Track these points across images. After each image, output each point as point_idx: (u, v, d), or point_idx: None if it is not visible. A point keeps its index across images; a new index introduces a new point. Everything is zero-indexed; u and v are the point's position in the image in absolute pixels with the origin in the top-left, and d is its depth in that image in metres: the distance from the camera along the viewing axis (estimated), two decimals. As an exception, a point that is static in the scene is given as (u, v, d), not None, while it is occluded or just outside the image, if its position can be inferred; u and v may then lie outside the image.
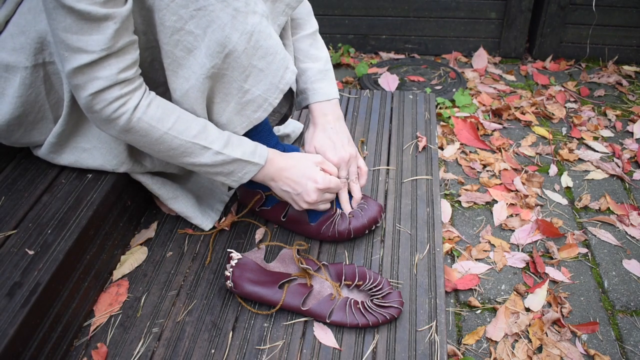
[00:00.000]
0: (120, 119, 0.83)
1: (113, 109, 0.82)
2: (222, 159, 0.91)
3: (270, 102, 0.92)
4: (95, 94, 0.80)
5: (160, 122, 0.87)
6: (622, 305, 1.14)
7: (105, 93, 0.81)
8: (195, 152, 0.90)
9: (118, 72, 0.80)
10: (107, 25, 0.76)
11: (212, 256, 1.08)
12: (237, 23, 0.82)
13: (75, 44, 0.76)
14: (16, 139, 1.00)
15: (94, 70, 0.78)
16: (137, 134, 0.87)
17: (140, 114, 0.85)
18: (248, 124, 0.94)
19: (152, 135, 0.87)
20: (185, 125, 0.89)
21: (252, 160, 0.94)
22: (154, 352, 0.90)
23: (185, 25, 0.81)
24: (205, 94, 0.89)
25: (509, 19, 2.08)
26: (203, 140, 0.90)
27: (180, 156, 0.91)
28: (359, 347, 0.90)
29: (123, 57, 0.81)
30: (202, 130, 0.90)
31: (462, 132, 1.68)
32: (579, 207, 1.41)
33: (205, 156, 0.91)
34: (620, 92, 1.93)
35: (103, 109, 0.82)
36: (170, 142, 0.88)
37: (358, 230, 1.06)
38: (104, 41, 0.77)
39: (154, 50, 0.91)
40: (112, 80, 0.80)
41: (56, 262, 0.86)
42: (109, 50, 0.78)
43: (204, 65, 0.84)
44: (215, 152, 0.91)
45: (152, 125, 0.86)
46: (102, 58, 0.78)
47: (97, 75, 0.79)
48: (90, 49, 0.77)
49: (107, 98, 0.81)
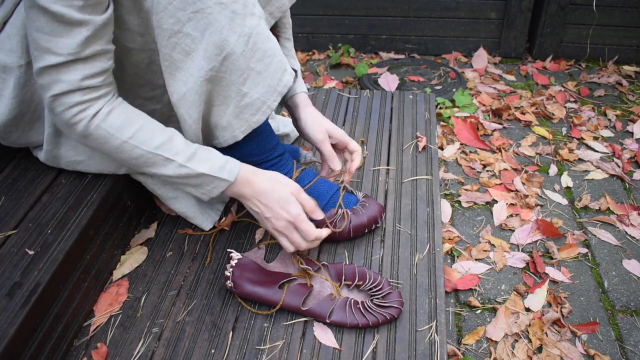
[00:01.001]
0: (78, 124, 0.83)
1: (72, 114, 0.82)
2: (186, 172, 0.90)
3: (269, 105, 0.91)
4: (56, 96, 0.81)
5: (120, 131, 0.86)
6: (622, 305, 1.14)
7: (65, 97, 0.81)
8: (158, 163, 0.89)
9: (82, 78, 0.80)
10: (78, 31, 0.77)
11: (212, 256, 1.08)
12: (235, 25, 0.82)
13: (45, 44, 0.77)
14: (14, 140, 1.00)
15: (58, 72, 0.79)
16: (96, 141, 0.86)
17: (99, 121, 0.84)
18: (247, 128, 0.93)
19: (111, 144, 0.86)
20: (149, 135, 0.88)
21: (220, 176, 0.91)
22: (154, 352, 0.90)
23: (183, 28, 0.81)
24: (203, 97, 0.88)
25: (509, 19, 2.08)
26: (167, 151, 0.88)
27: (143, 166, 0.90)
28: (359, 347, 0.90)
29: (90, 64, 0.81)
30: (167, 142, 0.89)
31: (462, 132, 1.68)
32: (579, 207, 1.41)
33: (169, 168, 0.90)
34: (620, 92, 1.93)
35: (63, 112, 0.82)
36: (130, 151, 0.87)
37: (358, 229, 1.06)
38: (72, 46, 0.77)
39: (152, 52, 0.91)
40: (74, 86, 0.80)
41: (56, 262, 0.86)
42: (76, 56, 0.78)
43: (202, 68, 0.84)
44: (179, 164, 0.89)
45: (111, 134, 0.85)
46: (69, 62, 0.78)
47: (61, 78, 0.79)
48: (57, 52, 0.77)
49: (66, 102, 0.81)
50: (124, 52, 0.90)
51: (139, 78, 0.95)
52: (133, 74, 0.94)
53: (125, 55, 0.90)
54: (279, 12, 0.98)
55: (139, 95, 0.98)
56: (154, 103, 1.00)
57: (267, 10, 0.97)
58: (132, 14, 0.84)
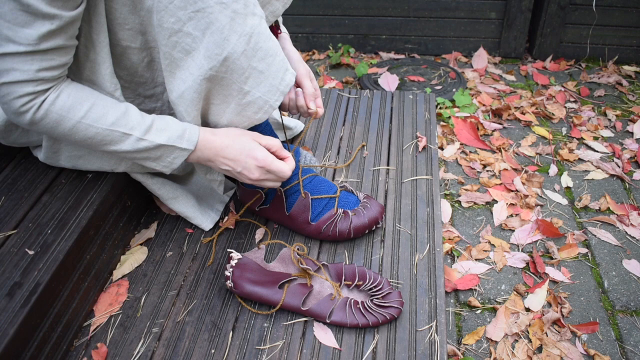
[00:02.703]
0: (26, 113, 0.82)
1: (20, 103, 0.80)
2: (145, 145, 0.88)
3: (271, 104, 0.91)
4: (7, 84, 0.79)
5: (71, 112, 0.84)
6: (622, 305, 1.14)
7: (16, 86, 0.79)
8: (115, 140, 0.87)
9: (38, 69, 0.79)
10: (42, 24, 0.75)
11: (214, 256, 1.08)
12: (236, 25, 0.82)
13: (5, 31, 0.75)
14: (15, 139, 1.00)
15: (14, 61, 0.77)
16: (47, 126, 0.84)
17: (48, 105, 0.82)
18: (249, 124, 0.93)
19: (64, 126, 0.84)
20: (102, 112, 0.86)
21: (179, 145, 0.90)
22: (154, 352, 0.90)
23: (184, 27, 0.81)
24: (201, 96, 0.88)
25: (509, 19, 2.08)
26: (122, 127, 0.87)
27: (100, 145, 0.88)
28: (359, 347, 0.90)
29: (49, 57, 0.79)
30: (121, 117, 0.87)
31: (462, 132, 1.68)
32: (579, 207, 1.41)
33: (126, 143, 0.88)
34: (620, 92, 1.93)
35: (11, 100, 0.80)
36: (85, 131, 0.85)
37: (358, 229, 1.06)
38: (33, 37, 0.75)
39: (152, 51, 0.91)
40: (28, 76, 0.78)
41: (56, 262, 0.86)
42: (35, 47, 0.76)
43: (202, 67, 0.84)
44: (137, 138, 0.87)
45: (62, 116, 0.83)
46: (27, 53, 0.77)
47: (15, 67, 0.77)
48: (17, 40, 0.75)
49: (17, 91, 0.79)
50: (125, 51, 0.90)
51: (140, 76, 0.95)
52: (134, 72, 0.94)
53: (126, 55, 0.90)
54: (272, 16, 0.98)
55: (139, 93, 0.98)
56: (153, 101, 1.00)
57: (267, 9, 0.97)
58: (133, 13, 0.84)
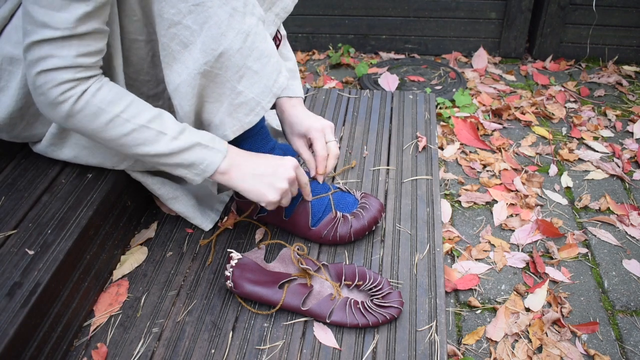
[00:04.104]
0: (64, 103, 0.80)
1: (59, 92, 0.79)
2: (179, 145, 0.87)
3: (263, 106, 0.91)
4: (46, 72, 0.77)
5: (111, 105, 0.82)
6: (622, 305, 1.14)
7: (56, 73, 0.77)
8: (150, 139, 0.85)
9: (77, 55, 0.77)
10: (78, 6, 0.74)
11: (213, 256, 1.08)
12: (234, 22, 0.82)
13: (41, 17, 0.74)
14: (18, 132, 1.00)
15: (52, 47, 0.76)
16: (84, 120, 0.82)
17: (89, 97, 0.81)
18: (239, 128, 0.93)
19: (101, 120, 0.82)
20: (139, 109, 0.85)
21: (213, 145, 0.89)
22: (154, 352, 0.90)
23: (183, 20, 0.81)
24: (195, 91, 0.88)
25: (509, 19, 2.08)
26: (158, 125, 0.86)
27: (134, 144, 0.85)
28: (359, 347, 0.90)
29: (86, 42, 0.78)
30: (157, 117, 0.86)
31: (462, 132, 1.68)
32: (579, 207, 1.41)
33: (161, 143, 0.86)
34: (620, 92, 1.93)
35: (49, 89, 0.78)
36: (122, 126, 0.84)
37: (358, 233, 1.06)
38: (70, 20, 0.75)
39: (154, 44, 0.91)
40: (67, 62, 0.77)
41: (56, 262, 0.86)
42: (72, 31, 0.75)
43: (198, 61, 0.84)
44: (172, 137, 0.86)
45: (102, 109, 0.82)
46: (64, 37, 0.76)
47: (54, 53, 0.76)
48: (54, 25, 0.74)
49: (56, 78, 0.78)
50: (131, 45, 0.90)
51: (145, 73, 0.95)
52: (140, 69, 0.94)
53: (132, 48, 0.90)
54: (284, 12, 0.98)
55: (142, 92, 0.98)
56: (155, 100, 1.00)
57: (272, 12, 0.97)
58: (135, 4, 0.84)
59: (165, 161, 0.88)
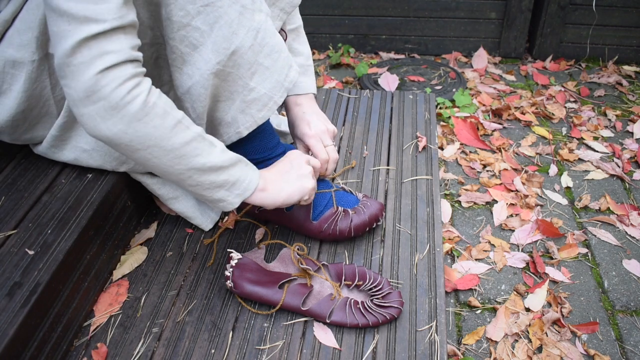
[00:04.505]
0: (135, 100, 0.72)
1: (128, 89, 0.71)
2: (230, 157, 0.84)
3: (275, 101, 0.91)
4: (104, 71, 0.69)
5: (174, 108, 0.78)
6: (622, 305, 1.14)
7: (117, 70, 0.70)
8: (206, 150, 0.81)
9: (131, 47, 0.72)
10: None
11: (214, 256, 1.08)
12: (244, 20, 0.82)
13: (82, 12, 0.67)
14: (19, 135, 1.00)
15: (103, 42, 0.69)
16: (151, 123, 0.75)
17: (156, 97, 0.75)
18: (252, 124, 0.93)
19: (168, 123, 0.76)
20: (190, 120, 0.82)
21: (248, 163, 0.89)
22: (154, 352, 0.90)
23: (192, 21, 0.81)
24: (208, 91, 0.88)
25: (509, 19, 2.08)
26: (208, 136, 0.84)
27: (193, 154, 0.80)
28: (359, 347, 0.90)
29: (131, 35, 0.73)
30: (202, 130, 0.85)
31: (462, 132, 1.68)
32: (579, 207, 1.41)
33: (215, 154, 0.82)
34: (620, 92, 1.93)
35: (115, 90, 0.70)
36: (184, 132, 0.78)
37: (359, 227, 1.06)
38: (114, 10, 0.69)
39: (159, 47, 0.91)
40: (125, 56, 0.71)
41: (56, 262, 0.86)
42: (120, 21, 0.70)
43: (210, 61, 0.84)
44: (222, 149, 0.84)
45: (168, 112, 0.76)
46: (114, 30, 0.70)
47: (108, 49, 0.69)
48: (100, 18, 0.68)
49: (120, 75, 0.70)
50: None
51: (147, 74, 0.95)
52: None
53: None
54: (290, 6, 0.97)
55: None
56: None
57: (277, 6, 0.96)
58: (142, 7, 0.84)
59: (214, 178, 0.84)
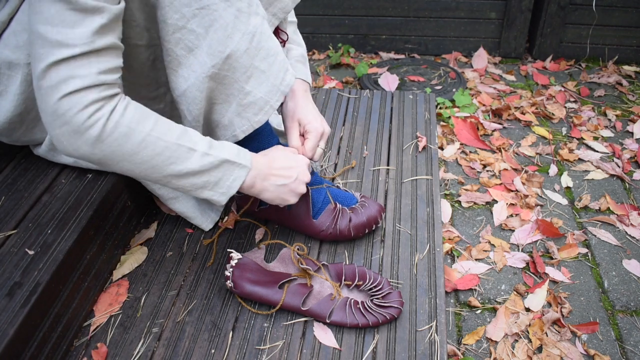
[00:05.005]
0: (94, 126, 0.74)
1: (87, 115, 0.73)
2: (210, 161, 0.84)
3: (272, 105, 0.91)
4: (69, 95, 0.72)
5: (141, 124, 0.78)
6: (622, 305, 1.14)
7: (80, 95, 0.72)
8: (182, 157, 0.82)
9: (98, 72, 0.73)
10: (92, 19, 0.71)
11: (214, 256, 1.08)
12: (240, 23, 0.82)
13: (55, 36, 0.70)
14: (17, 137, 1.00)
15: (71, 66, 0.71)
16: (116, 143, 0.77)
17: (118, 116, 0.76)
18: (249, 127, 0.93)
19: (133, 140, 0.78)
20: (167, 127, 0.82)
21: (239, 161, 0.87)
22: (154, 352, 0.90)
23: (188, 24, 0.81)
24: (204, 94, 0.88)
25: (509, 19, 2.08)
26: (187, 141, 0.83)
27: (166, 164, 0.81)
28: (359, 347, 0.90)
29: (105, 58, 0.74)
30: (184, 132, 0.83)
31: (462, 132, 1.68)
32: (579, 207, 1.41)
33: (193, 160, 0.83)
34: (620, 92, 1.93)
35: (76, 115, 0.72)
36: (154, 145, 0.79)
37: (358, 228, 1.06)
38: (87, 35, 0.71)
39: (156, 48, 0.91)
40: (90, 81, 0.72)
41: (56, 262, 0.86)
42: (91, 47, 0.72)
43: (205, 65, 0.84)
44: (203, 153, 0.83)
45: (132, 129, 0.77)
46: (83, 54, 0.71)
47: (74, 74, 0.71)
48: (71, 43, 0.70)
49: (81, 101, 0.72)
50: (132, 51, 0.89)
51: (145, 77, 0.95)
52: (140, 73, 0.93)
53: (133, 54, 0.90)
54: (282, 12, 0.97)
55: (142, 95, 0.98)
56: (156, 103, 1.00)
57: (269, 12, 0.97)
58: (140, 9, 0.84)
59: (193, 181, 0.85)
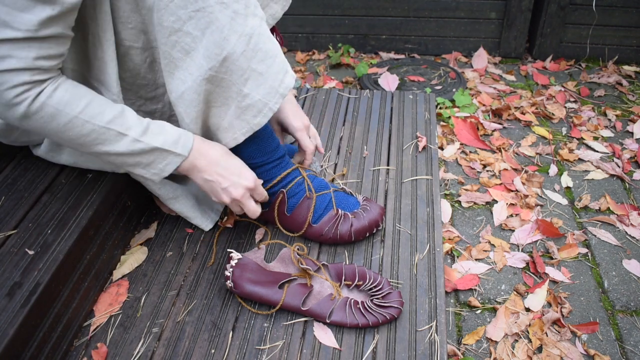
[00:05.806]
0: (19, 105, 0.78)
1: (15, 93, 0.76)
2: (140, 147, 0.86)
3: (270, 107, 0.90)
4: (2, 73, 0.74)
5: (69, 106, 0.81)
6: (622, 305, 1.14)
7: (12, 74, 0.75)
8: (110, 139, 0.85)
9: (35, 57, 0.75)
10: (42, 9, 0.72)
11: (214, 256, 1.08)
12: (236, 25, 0.82)
13: (3, 16, 0.72)
14: (16, 138, 1.00)
15: (11, 47, 0.73)
16: (40, 121, 0.80)
17: (45, 98, 0.79)
18: (248, 130, 0.93)
19: (59, 121, 0.81)
20: (99, 110, 0.83)
21: (174, 150, 0.89)
22: (154, 352, 0.90)
23: (184, 27, 0.81)
24: (201, 97, 0.88)
25: (509, 19, 2.08)
26: (119, 126, 0.84)
27: (93, 144, 0.85)
28: (359, 347, 0.90)
29: (47, 45, 0.76)
30: (119, 116, 0.85)
31: (462, 132, 1.68)
32: (579, 207, 1.41)
33: (121, 144, 0.85)
34: (620, 92, 1.93)
35: (5, 91, 0.76)
36: (81, 127, 0.82)
37: (359, 232, 1.06)
38: (32, 23, 0.72)
39: (153, 51, 0.91)
40: (25, 64, 0.75)
41: (56, 262, 0.86)
42: (34, 34, 0.73)
43: (202, 67, 0.84)
44: (133, 139, 0.85)
45: (59, 110, 0.80)
46: (25, 39, 0.73)
47: (12, 54, 0.74)
48: (15, 26, 0.72)
49: (12, 80, 0.75)
50: (128, 52, 0.89)
51: (142, 78, 0.95)
52: (136, 74, 0.93)
53: (129, 55, 0.90)
54: (272, 19, 0.98)
55: (140, 95, 0.98)
56: (154, 103, 1.00)
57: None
58: (136, 12, 0.84)
59: (123, 160, 0.88)
